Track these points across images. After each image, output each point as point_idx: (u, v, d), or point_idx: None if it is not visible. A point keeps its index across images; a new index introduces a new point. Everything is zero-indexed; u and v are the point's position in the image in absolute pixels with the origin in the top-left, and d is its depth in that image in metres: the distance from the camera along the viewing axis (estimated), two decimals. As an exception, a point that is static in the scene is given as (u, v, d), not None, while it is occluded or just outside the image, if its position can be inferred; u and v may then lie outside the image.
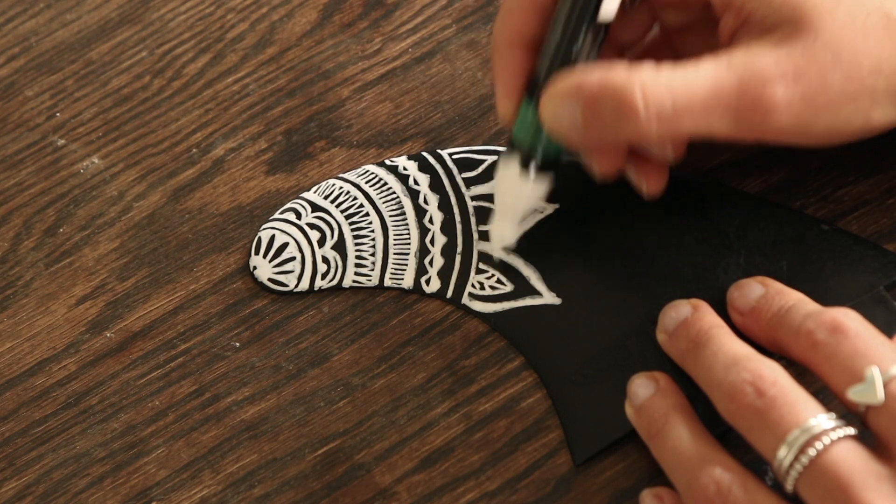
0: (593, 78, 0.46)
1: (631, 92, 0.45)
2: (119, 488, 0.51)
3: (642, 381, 0.48)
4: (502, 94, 0.50)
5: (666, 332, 0.49)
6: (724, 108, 0.45)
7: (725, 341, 0.46)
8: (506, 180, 0.50)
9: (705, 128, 0.45)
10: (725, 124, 0.45)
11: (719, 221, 0.52)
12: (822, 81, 0.45)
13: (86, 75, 0.60)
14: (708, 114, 0.45)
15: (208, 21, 0.60)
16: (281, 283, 0.54)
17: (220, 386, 0.53)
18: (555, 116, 0.47)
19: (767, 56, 0.45)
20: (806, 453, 0.42)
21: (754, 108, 0.45)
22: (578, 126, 0.46)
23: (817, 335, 0.45)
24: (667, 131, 0.45)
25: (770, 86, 0.45)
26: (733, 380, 0.44)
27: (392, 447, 0.51)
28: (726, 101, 0.45)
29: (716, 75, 0.45)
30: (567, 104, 0.46)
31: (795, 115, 0.45)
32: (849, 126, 0.46)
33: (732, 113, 0.45)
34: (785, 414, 0.43)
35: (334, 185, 0.55)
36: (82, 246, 0.56)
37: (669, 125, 0.45)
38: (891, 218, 0.51)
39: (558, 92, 0.47)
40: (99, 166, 0.58)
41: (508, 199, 0.50)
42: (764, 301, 0.48)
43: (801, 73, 0.45)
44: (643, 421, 0.47)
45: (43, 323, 0.55)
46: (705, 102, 0.45)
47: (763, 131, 0.45)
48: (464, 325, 0.52)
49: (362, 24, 0.59)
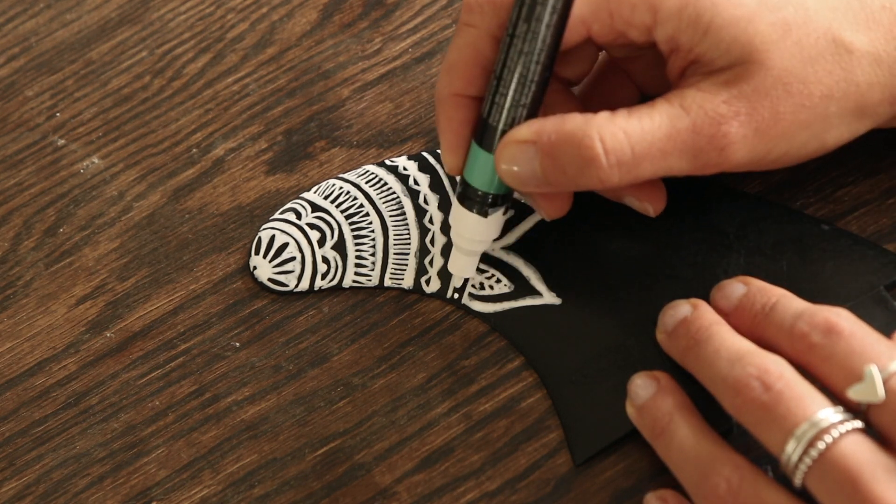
0: (549, 126, 0.47)
1: (591, 140, 0.46)
2: (119, 488, 0.51)
3: (643, 380, 0.48)
4: (448, 148, 0.50)
5: (666, 331, 0.49)
6: (680, 150, 0.46)
7: (727, 337, 0.46)
8: (465, 222, 0.50)
9: (665, 169, 0.46)
10: (684, 163, 0.46)
11: (719, 221, 0.52)
12: (774, 114, 0.46)
13: (86, 75, 0.60)
14: (666, 156, 0.46)
15: (208, 21, 0.60)
16: (281, 283, 0.54)
17: (220, 386, 0.53)
18: (511, 165, 0.47)
19: (720, 96, 0.46)
20: (815, 447, 0.42)
21: (710, 146, 0.46)
22: (537, 175, 0.47)
23: (812, 337, 0.45)
24: (627, 177, 0.46)
25: (724, 124, 0.46)
26: (738, 375, 0.44)
27: (392, 447, 0.51)
28: (682, 143, 0.46)
29: (670, 119, 0.46)
30: (524, 153, 0.47)
31: (751, 149, 0.46)
32: (804, 150, 0.47)
33: (689, 153, 0.46)
34: (792, 408, 0.43)
35: (334, 185, 0.55)
36: (82, 246, 0.56)
37: (630, 171, 0.46)
38: (891, 218, 0.51)
39: (514, 141, 0.47)
40: (99, 166, 0.58)
41: (473, 237, 0.51)
42: (746, 300, 0.48)
43: (753, 109, 0.46)
44: (646, 421, 0.47)
45: (43, 323, 0.55)
46: (662, 146, 0.46)
47: (720, 166, 0.47)
48: (464, 325, 0.52)
49: (362, 24, 0.59)
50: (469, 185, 0.49)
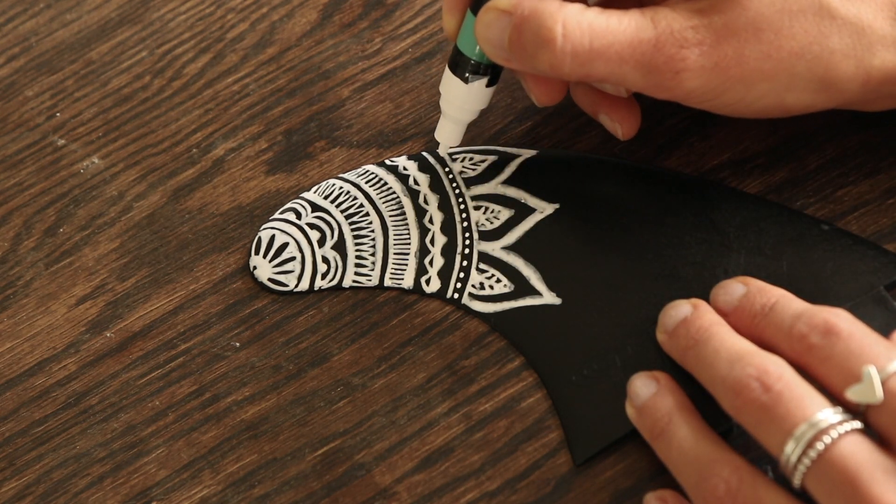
0: (527, 2, 0.47)
1: (553, 22, 0.47)
2: (119, 488, 0.51)
3: (643, 380, 0.48)
4: (447, 9, 0.51)
5: (666, 331, 0.49)
6: (637, 61, 0.46)
7: (727, 338, 0.46)
8: (450, 86, 0.52)
9: (618, 77, 0.47)
10: (637, 77, 0.47)
11: (719, 221, 0.52)
12: (738, 55, 0.46)
13: (86, 75, 0.60)
14: (621, 63, 0.47)
15: (208, 21, 0.60)
16: (281, 283, 0.54)
17: (220, 386, 0.53)
18: (486, 32, 0.49)
19: (690, 21, 0.46)
20: (814, 447, 0.42)
21: (666, 67, 0.46)
22: (504, 46, 0.48)
23: (811, 338, 0.45)
24: (579, 70, 0.47)
25: (686, 49, 0.46)
26: (738, 375, 0.44)
27: (392, 447, 0.51)
28: (641, 54, 0.46)
29: (637, 28, 0.47)
30: (499, 21, 0.48)
31: (705, 82, 0.46)
32: (760, 102, 0.47)
33: (645, 67, 0.47)
34: (792, 409, 0.43)
35: (334, 185, 0.55)
36: (82, 246, 0.56)
37: (582, 65, 0.47)
38: (891, 218, 0.51)
39: (493, 7, 0.48)
40: (99, 166, 0.58)
41: (454, 103, 0.52)
42: (746, 300, 0.48)
43: (718, 44, 0.46)
44: (646, 421, 0.47)
45: (43, 323, 0.55)
46: (621, 51, 0.46)
47: (671, 91, 0.47)
48: (464, 325, 0.52)
49: (362, 24, 0.59)
50: (459, 52, 0.51)
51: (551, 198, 0.53)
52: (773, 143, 0.53)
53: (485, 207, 0.54)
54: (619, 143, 0.54)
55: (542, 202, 0.53)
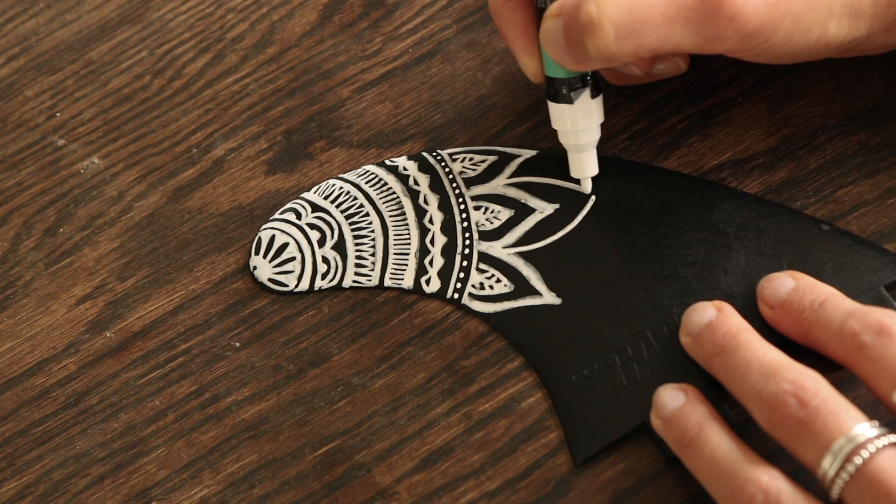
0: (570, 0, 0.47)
1: (587, 4, 0.45)
2: (119, 488, 0.51)
3: (670, 392, 0.47)
4: (522, 52, 0.50)
5: (690, 334, 0.48)
6: (686, 17, 0.45)
7: (757, 347, 0.46)
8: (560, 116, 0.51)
9: (670, 41, 0.46)
10: (690, 35, 0.45)
11: (719, 221, 0.52)
12: None
13: (86, 75, 0.60)
14: (670, 24, 0.45)
15: (208, 21, 0.60)
16: (281, 283, 0.54)
17: (220, 386, 0.53)
18: (549, 41, 0.48)
19: None
20: (852, 462, 0.42)
21: (719, 13, 0.45)
22: (563, 47, 0.47)
23: (863, 337, 0.44)
24: (628, 46, 0.45)
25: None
26: (774, 390, 0.44)
27: (392, 447, 0.51)
28: (688, 8, 0.45)
29: None
30: (555, 27, 0.47)
31: (761, 21, 0.45)
32: (807, 36, 0.47)
33: (695, 21, 0.45)
34: (829, 423, 0.42)
35: (334, 185, 0.55)
36: (82, 246, 0.56)
37: (629, 37, 0.45)
38: (891, 218, 0.51)
39: (548, 16, 0.48)
40: (99, 166, 0.58)
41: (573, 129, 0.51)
42: (795, 294, 0.47)
43: None
44: (674, 431, 0.46)
45: (43, 323, 0.55)
46: (665, 12, 0.45)
47: (727, 40, 0.46)
48: (464, 325, 0.52)
49: (362, 24, 0.59)
50: (551, 80, 0.50)
51: (551, 198, 0.53)
52: (773, 143, 0.53)
53: (485, 207, 0.54)
54: (619, 142, 0.54)
55: (542, 202, 0.53)
